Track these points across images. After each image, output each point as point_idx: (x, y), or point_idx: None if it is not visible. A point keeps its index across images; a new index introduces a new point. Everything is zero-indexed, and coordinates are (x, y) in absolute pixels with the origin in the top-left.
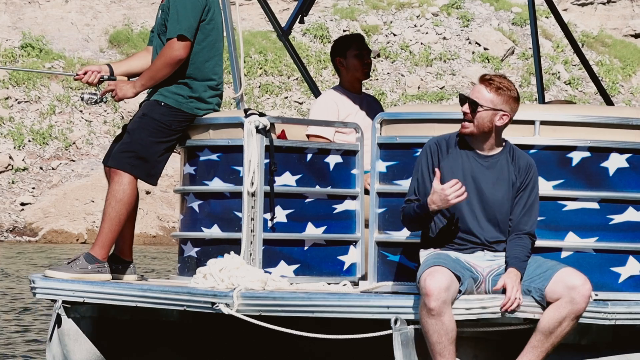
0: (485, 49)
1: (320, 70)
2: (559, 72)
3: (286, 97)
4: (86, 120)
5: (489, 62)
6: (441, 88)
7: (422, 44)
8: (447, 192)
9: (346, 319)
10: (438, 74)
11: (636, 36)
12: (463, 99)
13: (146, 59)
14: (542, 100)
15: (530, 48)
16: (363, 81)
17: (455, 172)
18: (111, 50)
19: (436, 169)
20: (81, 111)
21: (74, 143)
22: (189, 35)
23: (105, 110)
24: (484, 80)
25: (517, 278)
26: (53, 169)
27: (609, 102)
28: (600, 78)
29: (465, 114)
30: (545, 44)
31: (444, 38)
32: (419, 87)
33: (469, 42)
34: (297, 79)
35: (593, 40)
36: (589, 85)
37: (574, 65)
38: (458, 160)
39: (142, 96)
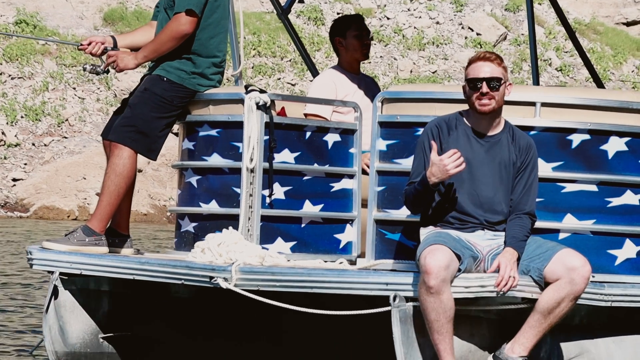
0: (478, 34)
1: (314, 53)
2: (550, 59)
3: (279, 79)
4: (79, 98)
5: (481, 47)
6: (433, 72)
7: (415, 28)
8: (446, 162)
9: (343, 296)
10: (430, 58)
11: (628, 24)
12: (478, 81)
13: (150, 33)
14: (536, 84)
15: (522, 34)
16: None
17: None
18: (105, 28)
19: (432, 142)
20: (74, 88)
21: (67, 120)
22: (197, 10)
23: (99, 88)
24: (485, 58)
25: (512, 257)
26: (45, 145)
27: (601, 87)
28: None
29: (485, 94)
30: (537, 31)
31: (437, 22)
32: (411, 71)
33: (462, 27)
34: (290, 60)
35: (585, 28)
36: (580, 72)
37: (566, 52)
38: (460, 141)
39: (137, 74)
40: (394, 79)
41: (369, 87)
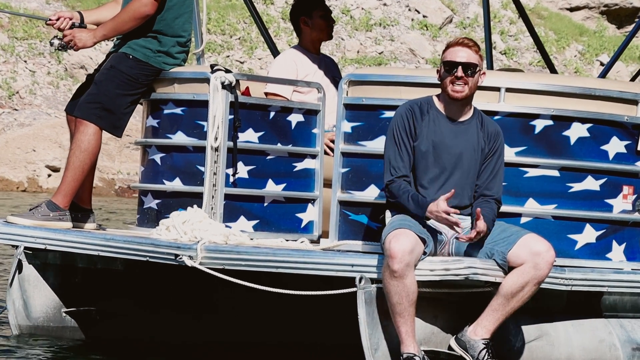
0: (424, 16)
1: None
2: (495, 42)
3: (228, 56)
4: (30, 71)
5: (427, 29)
6: (380, 53)
7: (362, 9)
8: (449, 217)
9: (305, 276)
10: (377, 39)
11: (571, 9)
12: (454, 65)
13: (115, 10)
14: (490, 67)
15: (468, 17)
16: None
17: (430, 139)
18: (57, 2)
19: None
20: (25, 61)
21: (17, 92)
22: None
23: (50, 62)
24: (463, 44)
25: (484, 226)
26: None
27: (552, 70)
28: (534, 50)
29: (460, 78)
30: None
31: (384, 4)
32: (358, 52)
33: (409, 9)
34: (239, 38)
35: (529, 12)
36: (524, 55)
37: (510, 36)
38: (431, 126)
39: (89, 49)
40: (341, 59)
41: (329, 67)
